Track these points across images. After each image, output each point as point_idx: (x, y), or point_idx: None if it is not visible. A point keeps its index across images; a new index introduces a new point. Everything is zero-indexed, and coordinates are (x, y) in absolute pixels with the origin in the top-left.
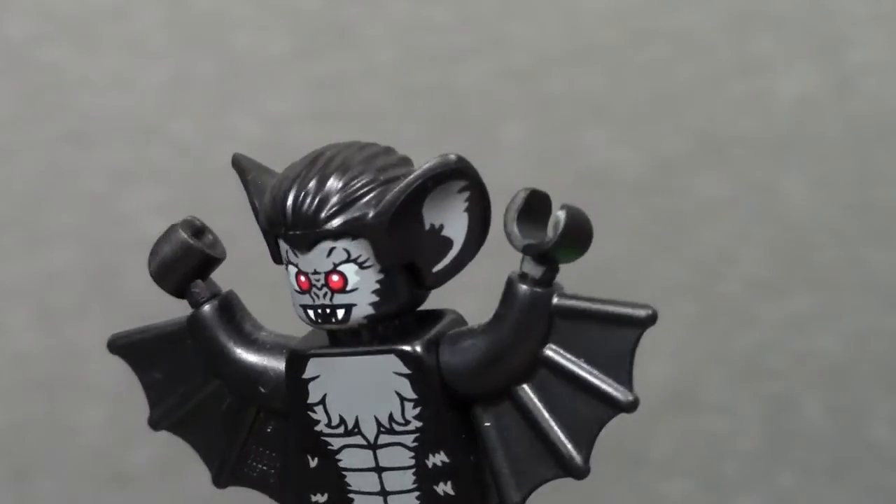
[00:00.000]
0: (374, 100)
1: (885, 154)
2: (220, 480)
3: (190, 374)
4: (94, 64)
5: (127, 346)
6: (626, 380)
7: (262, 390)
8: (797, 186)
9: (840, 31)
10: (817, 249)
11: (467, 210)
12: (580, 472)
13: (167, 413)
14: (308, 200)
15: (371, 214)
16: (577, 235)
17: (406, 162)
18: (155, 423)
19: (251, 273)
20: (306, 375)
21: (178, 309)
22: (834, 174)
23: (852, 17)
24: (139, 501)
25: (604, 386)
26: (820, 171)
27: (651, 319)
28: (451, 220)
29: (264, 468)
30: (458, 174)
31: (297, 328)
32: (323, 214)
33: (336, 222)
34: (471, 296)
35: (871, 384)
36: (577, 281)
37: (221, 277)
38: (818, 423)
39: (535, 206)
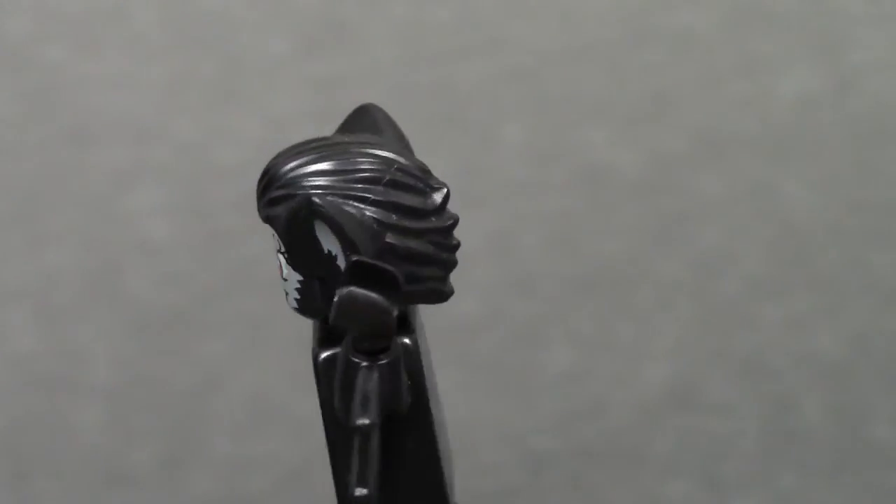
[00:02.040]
0: (374, 100)
1: (885, 154)
2: None
3: None
4: (94, 64)
5: None
6: (363, 476)
7: None
8: (797, 186)
9: (840, 31)
10: (817, 249)
11: (342, 251)
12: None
13: None
14: (263, 180)
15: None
16: (348, 319)
17: (374, 180)
18: None
19: (251, 273)
20: None
21: (178, 310)
22: (834, 174)
23: (852, 17)
24: (139, 501)
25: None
26: (820, 171)
27: (358, 429)
28: (339, 254)
29: None
30: (316, 217)
31: (298, 326)
32: (262, 200)
33: (263, 212)
34: (471, 296)
35: (871, 384)
36: (578, 280)
37: (222, 277)
38: (818, 423)
39: (363, 276)
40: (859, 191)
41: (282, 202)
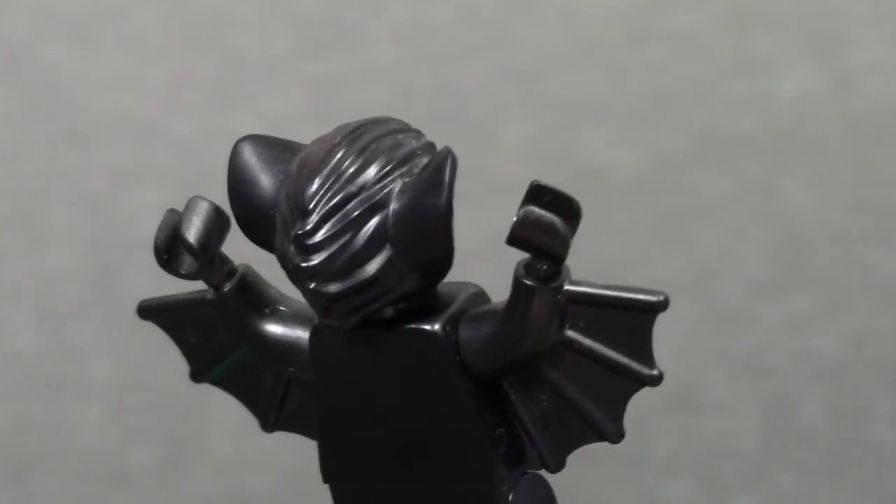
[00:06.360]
0: (374, 100)
1: (885, 154)
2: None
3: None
4: (94, 64)
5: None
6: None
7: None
8: (797, 186)
9: (840, 31)
10: (817, 249)
11: None
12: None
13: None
14: None
15: None
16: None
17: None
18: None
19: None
20: None
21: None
22: (834, 174)
23: (852, 17)
24: (139, 501)
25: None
26: (820, 171)
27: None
28: None
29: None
30: None
31: None
32: None
33: None
34: None
35: (871, 384)
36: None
37: None
38: (818, 423)
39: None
40: (859, 191)
41: None
